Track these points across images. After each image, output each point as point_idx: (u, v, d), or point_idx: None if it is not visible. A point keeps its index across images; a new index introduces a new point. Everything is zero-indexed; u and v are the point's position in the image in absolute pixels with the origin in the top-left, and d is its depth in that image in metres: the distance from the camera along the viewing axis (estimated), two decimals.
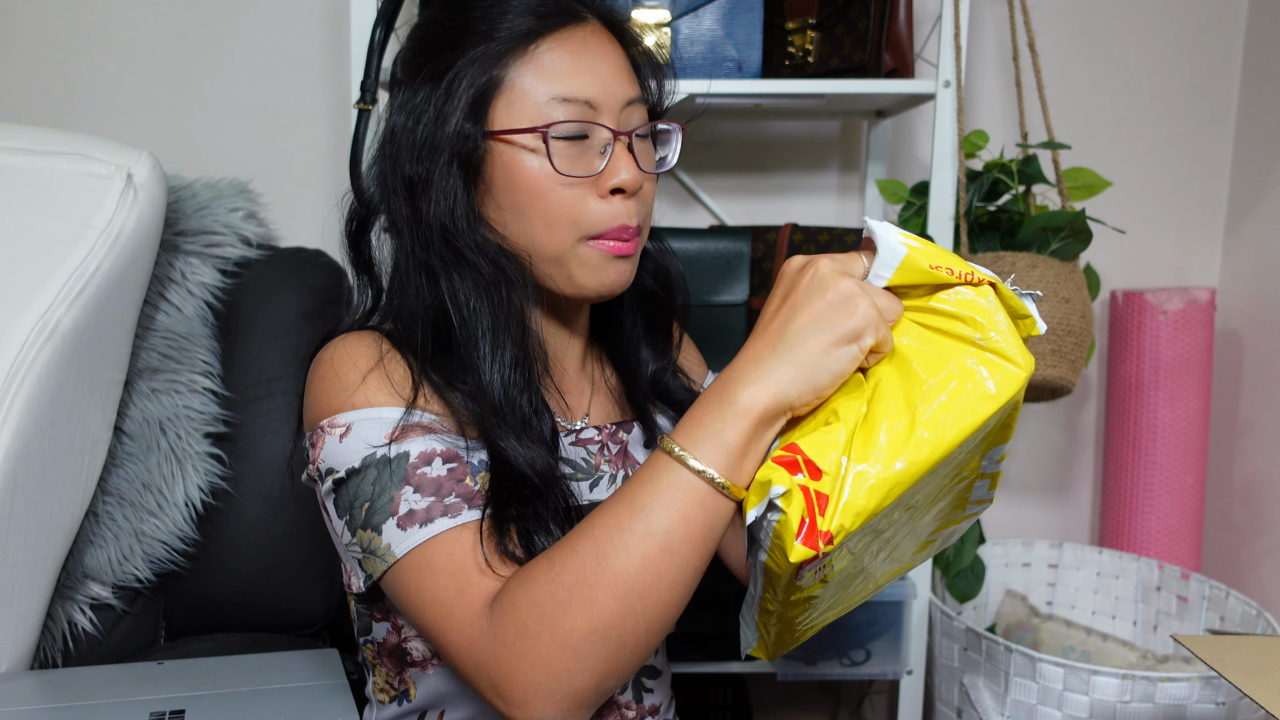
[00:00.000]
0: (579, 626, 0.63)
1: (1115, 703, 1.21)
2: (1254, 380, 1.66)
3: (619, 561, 0.63)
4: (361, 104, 1.29)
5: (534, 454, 0.77)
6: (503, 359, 0.78)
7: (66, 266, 1.02)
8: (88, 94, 1.63)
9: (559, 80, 0.76)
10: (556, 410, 0.87)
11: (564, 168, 0.76)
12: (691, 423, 0.65)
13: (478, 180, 0.79)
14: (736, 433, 0.63)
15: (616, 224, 0.78)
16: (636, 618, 0.64)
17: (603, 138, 0.78)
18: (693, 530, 0.64)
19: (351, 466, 0.74)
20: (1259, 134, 1.69)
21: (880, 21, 1.35)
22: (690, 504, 0.63)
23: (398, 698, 0.86)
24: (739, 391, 0.63)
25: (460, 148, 0.77)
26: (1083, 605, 1.64)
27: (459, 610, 0.68)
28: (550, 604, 0.64)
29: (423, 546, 0.71)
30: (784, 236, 1.46)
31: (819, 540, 0.59)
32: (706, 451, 0.63)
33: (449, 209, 0.78)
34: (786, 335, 0.63)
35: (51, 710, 0.88)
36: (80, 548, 1.12)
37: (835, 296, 0.62)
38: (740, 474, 0.64)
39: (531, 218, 0.78)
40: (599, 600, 0.63)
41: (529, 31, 0.77)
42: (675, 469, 0.64)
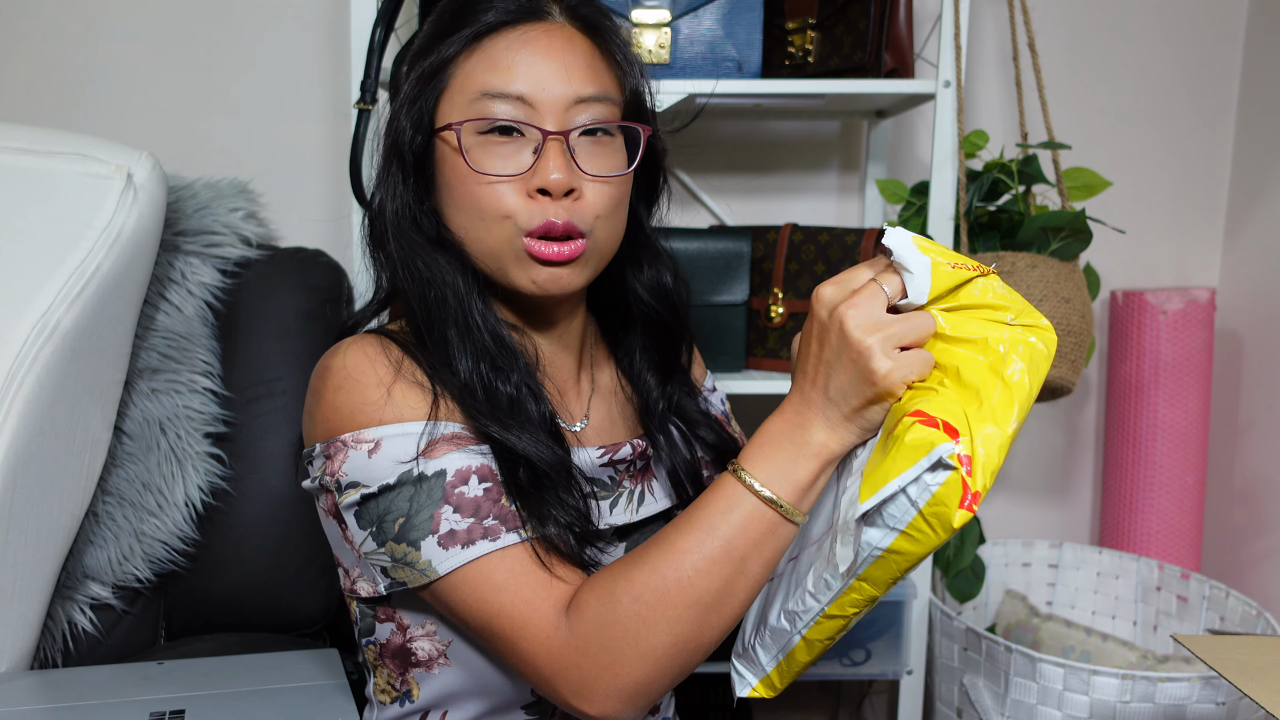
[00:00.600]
0: (663, 642, 0.69)
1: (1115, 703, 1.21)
2: (1254, 380, 1.66)
3: (701, 583, 0.69)
4: (361, 104, 1.29)
5: (528, 441, 0.77)
6: (466, 350, 0.80)
7: (66, 266, 1.02)
8: (88, 94, 1.63)
9: (494, 75, 0.77)
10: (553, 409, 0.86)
11: (488, 165, 0.77)
12: (763, 457, 0.70)
13: (429, 176, 0.82)
14: (809, 471, 0.69)
15: (539, 221, 0.77)
16: (711, 630, 0.70)
17: (535, 137, 0.78)
18: (764, 553, 0.70)
19: (385, 483, 0.74)
20: (1259, 134, 1.69)
21: (880, 21, 1.35)
22: (765, 532, 0.69)
23: (400, 698, 0.85)
24: (810, 435, 0.69)
25: (405, 142, 0.80)
26: (1083, 605, 1.64)
27: (533, 623, 0.72)
28: (634, 621, 0.69)
29: (472, 566, 0.73)
30: (784, 236, 1.46)
31: (973, 503, 0.62)
32: (781, 485, 0.69)
33: (395, 207, 0.81)
34: (830, 392, 0.68)
35: (51, 710, 0.88)
36: (80, 548, 1.12)
37: (859, 362, 0.65)
38: (806, 504, 0.70)
39: (466, 212, 0.79)
40: (682, 619, 0.69)
41: (479, 31, 0.78)
42: (753, 501, 0.69)
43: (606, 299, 0.94)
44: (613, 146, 0.81)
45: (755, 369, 1.48)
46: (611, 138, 0.81)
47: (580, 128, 0.78)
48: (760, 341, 1.47)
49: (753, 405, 1.56)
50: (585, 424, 0.89)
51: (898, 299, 0.66)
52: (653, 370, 0.94)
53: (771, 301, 1.45)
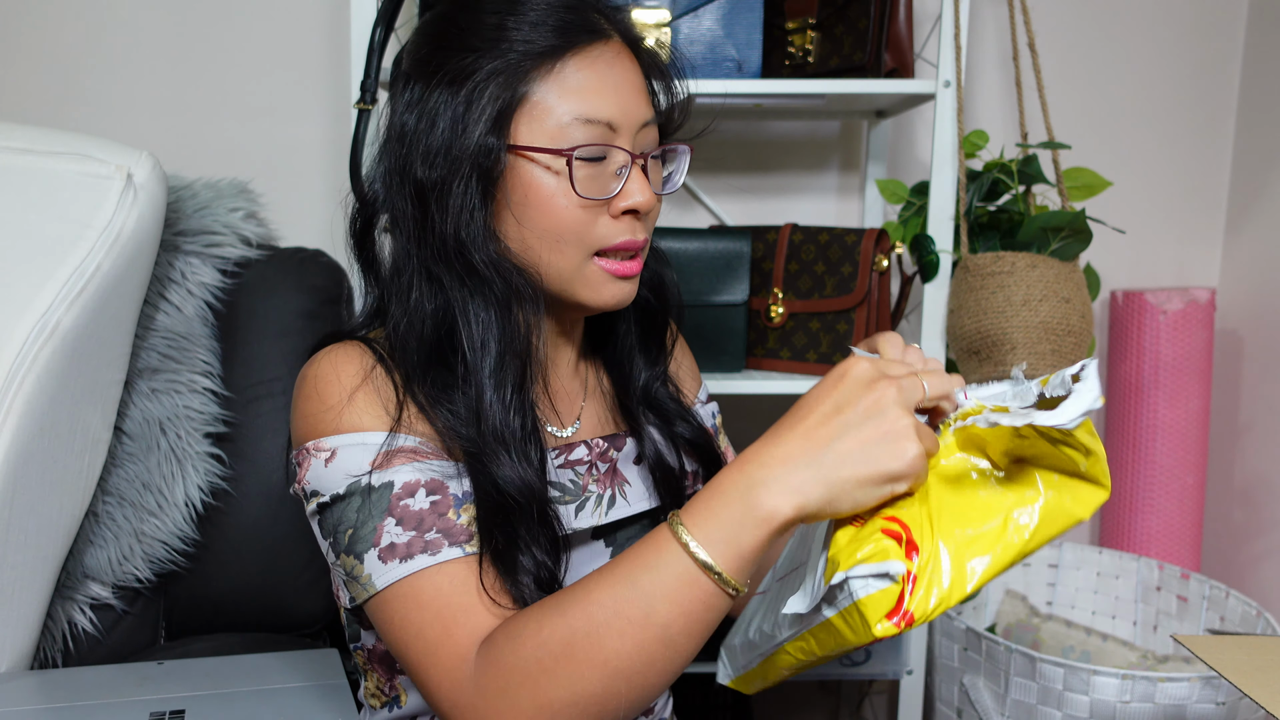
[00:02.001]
0: (560, 697, 0.63)
1: (1115, 703, 1.21)
2: (1254, 380, 1.66)
3: (612, 646, 0.62)
4: (361, 104, 1.29)
5: (523, 475, 0.75)
6: (505, 378, 0.77)
7: (66, 266, 1.02)
8: (88, 94, 1.63)
9: (583, 100, 0.76)
10: (547, 417, 0.86)
11: (582, 189, 0.76)
12: (707, 514, 0.63)
13: (494, 193, 0.77)
14: (754, 540, 0.62)
15: (623, 239, 0.79)
16: (619, 699, 0.63)
17: (620, 160, 0.78)
18: (693, 625, 0.63)
19: (336, 492, 0.74)
20: (1259, 134, 1.69)
21: (880, 21, 1.35)
22: (695, 600, 0.62)
23: (389, 704, 0.85)
24: (764, 498, 0.61)
25: (482, 160, 0.75)
26: (1083, 605, 1.64)
27: (444, 651, 0.68)
28: (535, 669, 0.63)
29: (405, 581, 0.70)
30: (784, 236, 1.46)
31: (903, 621, 0.59)
32: (720, 551, 0.62)
33: (466, 221, 0.76)
34: (827, 452, 0.61)
35: (51, 710, 0.88)
36: (80, 548, 1.12)
37: (891, 433, 0.60)
38: (745, 575, 0.63)
39: (542, 234, 0.77)
40: (585, 678, 0.62)
41: (554, 48, 0.76)
42: (686, 562, 0.62)
43: None
44: (658, 163, 0.84)
45: (755, 369, 1.48)
46: (658, 156, 0.83)
47: (652, 152, 0.81)
48: (760, 342, 1.47)
49: (753, 405, 1.56)
50: (577, 427, 0.89)
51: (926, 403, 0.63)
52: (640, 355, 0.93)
53: (771, 301, 1.45)
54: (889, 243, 1.41)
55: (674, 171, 0.85)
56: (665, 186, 0.84)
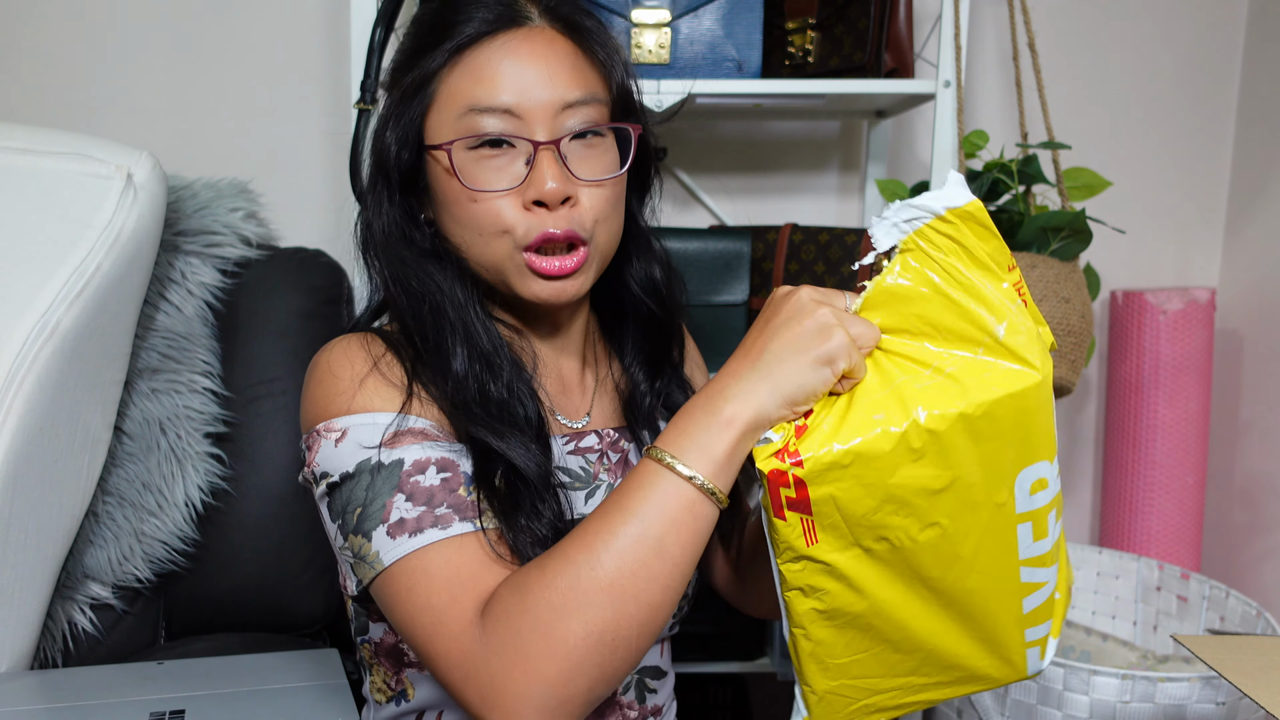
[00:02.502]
0: (575, 631, 0.63)
1: (1115, 703, 1.21)
2: (1254, 380, 1.66)
3: (613, 565, 0.64)
4: (361, 104, 1.29)
5: (515, 446, 0.76)
6: (459, 357, 0.79)
7: (66, 266, 1.02)
8: (88, 94, 1.63)
9: (478, 88, 0.76)
10: (556, 407, 0.87)
11: (481, 180, 0.76)
12: (678, 433, 0.67)
13: (423, 191, 0.82)
14: (722, 443, 0.65)
15: (537, 234, 0.77)
16: (630, 620, 0.64)
17: (527, 147, 0.77)
18: (683, 533, 0.65)
19: (345, 471, 0.74)
20: (1259, 134, 1.69)
21: (880, 21, 1.35)
22: (681, 509, 0.65)
23: (395, 698, 0.85)
24: (723, 406, 0.66)
25: (386, 161, 0.80)
26: (1083, 605, 1.64)
27: (450, 617, 0.68)
28: (545, 610, 0.64)
29: (413, 555, 0.70)
30: (784, 236, 1.46)
31: (787, 456, 0.64)
32: (695, 459, 0.65)
33: (382, 223, 0.81)
34: (765, 355, 0.66)
35: (51, 710, 0.88)
36: (80, 548, 1.12)
37: (813, 324, 0.65)
38: (724, 480, 0.66)
39: (464, 227, 0.79)
40: (594, 604, 0.64)
41: (466, 39, 0.77)
42: (666, 475, 0.66)
43: (604, 294, 0.93)
44: (604, 147, 0.80)
45: None
46: (602, 138, 0.80)
47: (570, 134, 0.77)
48: None
49: None
50: (588, 420, 0.90)
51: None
52: (642, 364, 0.93)
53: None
54: None
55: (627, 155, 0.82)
56: (615, 171, 0.80)
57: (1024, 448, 0.67)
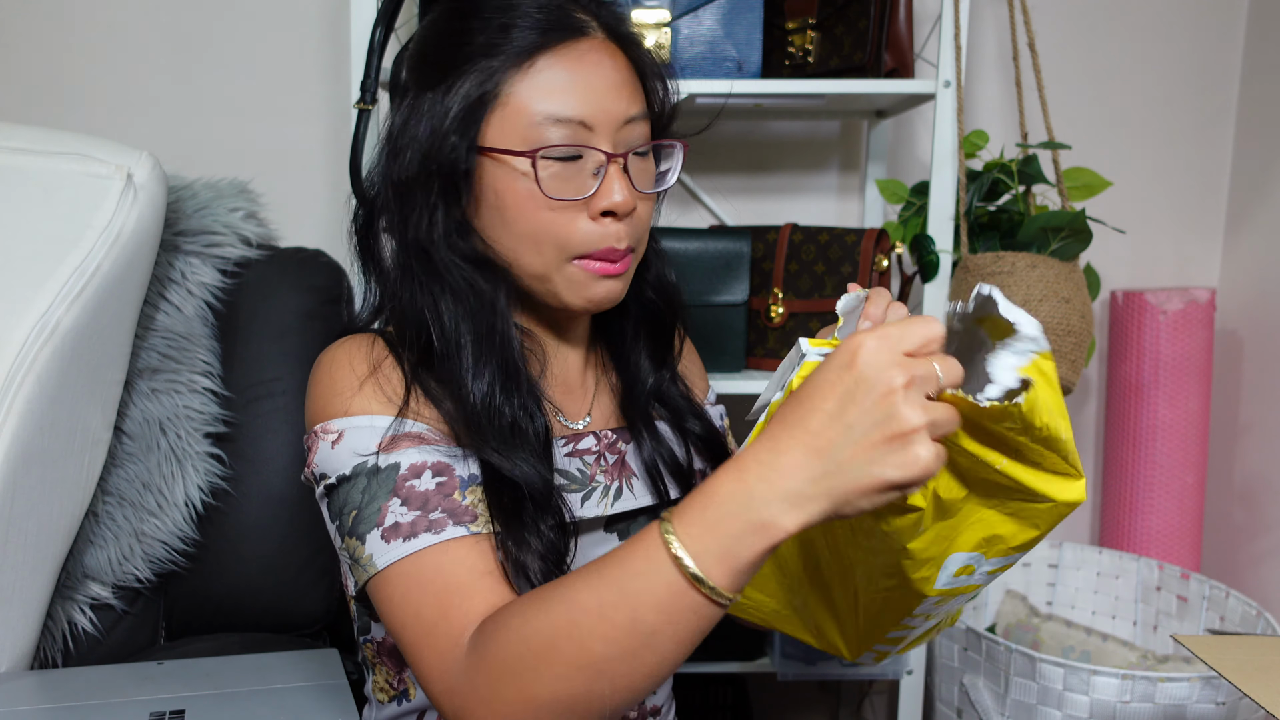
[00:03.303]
0: (543, 694, 0.61)
1: (1115, 703, 1.21)
2: (1254, 380, 1.66)
3: (596, 650, 0.60)
4: (361, 104, 1.29)
5: (521, 464, 0.76)
6: (484, 372, 0.78)
7: (66, 266, 1.02)
8: (88, 94, 1.63)
9: (553, 99, 0.75)
10: (559, 409, 0.87)
11: (553, 190, 0.76)
12: (702, 526, 0.58)
13: (467, 193, 0.78)
14: (750, 552, 0.57)
15: (604, 246, 0.77)
16: (603, 700, 0.61)
17: (597, 159, 0.77)
18: (680, 632, 0.60)
19: (342, 473, 0.74)
20: (1259, 134, 1.69)
21: (880, 21, 1.35)
22: (684, 610, 0.59)
23: (397, 697, 0.86)
24: (763, 510, 0.56)
25: (444, 161, 0.76)
26: (1083, 605, 1.64)
27: (440, 633, 0.68)
28: (518, 665, 0.62)
29: (406, 560, 0.70)
30: (784, 236, 1.46)
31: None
32: (712, 563, 0.57)
33: (428, 224, 0.78)
34: (830, 461, 0.55)
35: (51, 710, 0.88)
36: (80, 548, 1.12)
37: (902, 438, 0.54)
38: (739, 584, 0.59)
39: (518, 236, 0.78)
40: (567, 678, 0.61)
41: (530, 46, 0.76)
42: (674, 574, 0.58)
43: None
44: (649, 160, 0.82)
45: (755, 369, 1.48)
46: (648, 154, 0.81)
47: (633, 149, 0.78)
48: (760, 342, 1.47)
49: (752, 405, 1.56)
50: (588, 421, 0.90)
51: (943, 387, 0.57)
52: (646, 356, 0.93)
53: (771, 301, 1.45)
54: (889, 243, 1.41)
55: (669, 169, 0.84)
56: (660, 184, 0.83)
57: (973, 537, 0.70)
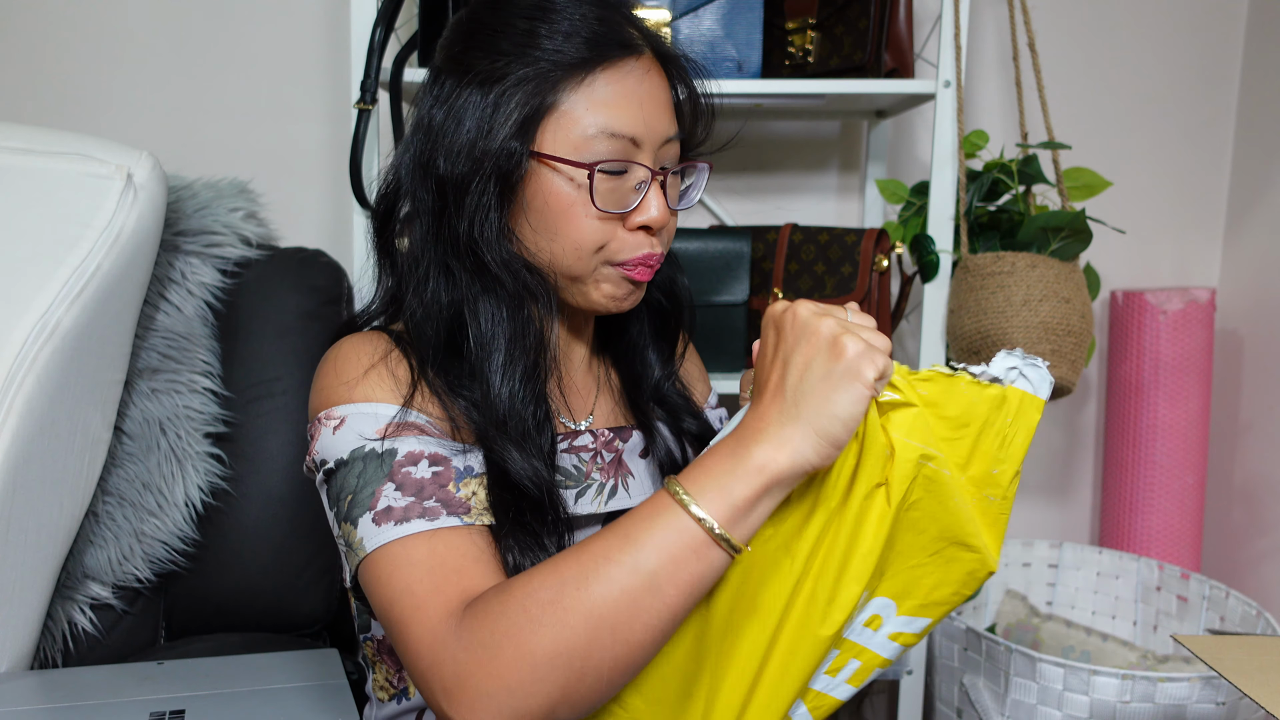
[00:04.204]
0: (544, 645, 0.62)
1: (1115, 703, 1.21)
2: (1254, 380, 1.66)
3: (599, 591, 0.62)
4: (361, 104, 1.29)
5: (532, 467, 0.77)
6: (514, 372, 0.78)
7: (66, 266, 1.02)
8: (88, 94, 1.63)
9: (609, 114, 0.77)
10: (560, 410, 0.87)
11: (601, 203, 0.77)
12: (701, 471, 0.65)
13: (512, 198, 0.79)
14: (746, 488, 0.63)
15: (637, 254, 0.80)
16: (604, 651, 0.62)
17: (639, 175, 0.79)
18: (681, 574, 0.63)
19: (340, 458, 0.75)
20: (1259, 134, 1.69)
21: (880, 21, 1.35)
22: (684, 548, 0.63)
23: (397, 695, 0.86)
24: (754, 449, 0.63)
25: (504, 164, 0.77)
26: (1083, 605, 1.64)
27: (431, 606, 0.67)
28: (521, 617, 0.63)
29: (396, 543, 0.70)
30: (784, 236, 1.46)
31: None
32: (711, 501, 0.63)
33: (480, 220, 0.78)
34: (787, 392, 0.63)
35: (51, 710, 0.88)
36: (80, 548, 1.12)
37: (821, 341, 0.63)
38: (741, 528, 0.63)
39: (561, 241, 0.79)
40: (569, 624, 0.62)
41: (585, 60, 0.77)
42: (675, 510, 0.63)
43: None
44: (678, 178, 0.85)
45: None
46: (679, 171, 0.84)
47: (671, 169, 0.82)
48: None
49: None
50: (590, 421, 0.90)
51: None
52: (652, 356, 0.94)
53: (772, 301, 1.45)
54: (889, 243, 1.41)
55: (691, 186, 0.87)
56: (681, 201, 0.85)
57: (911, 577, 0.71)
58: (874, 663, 0.74)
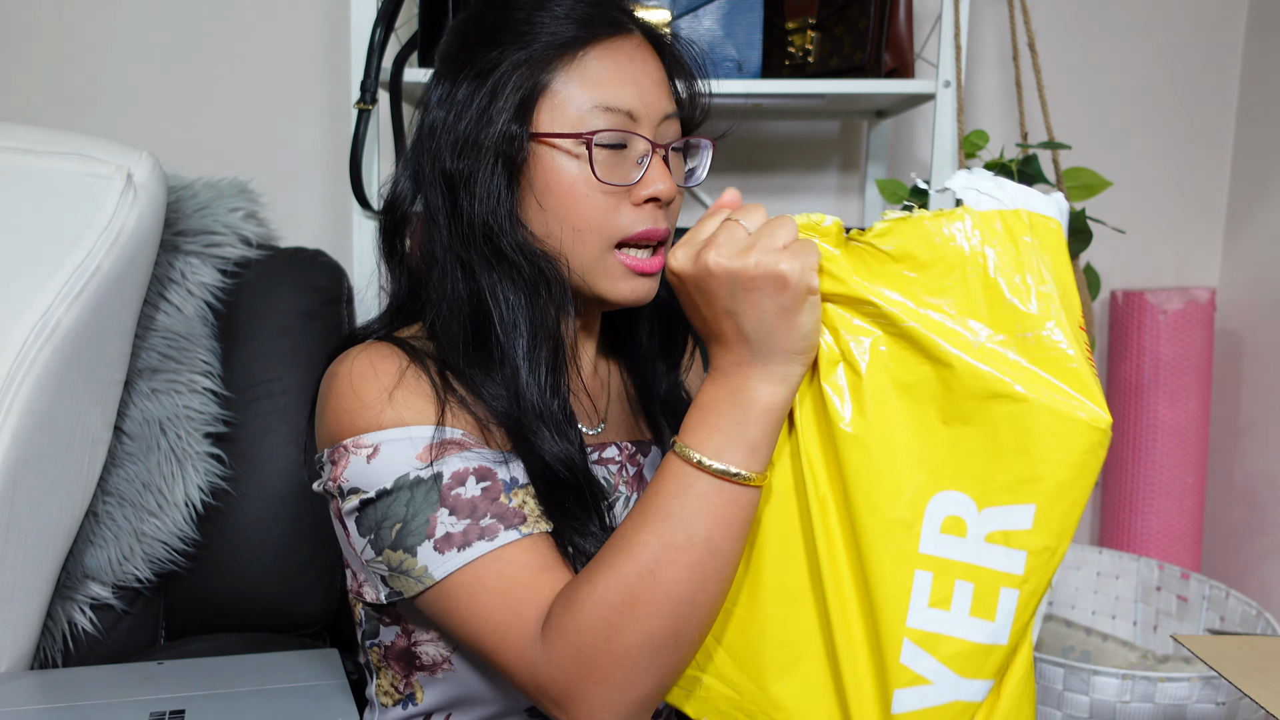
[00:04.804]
0: (636, 643, 0.65)
1: (1115, 703, 1.21)
2: (1254, 380, 1.66)
3: (668, 576, 0.65)
4: (361, 104, 1.29)
5: (567, 451, 0.77)
6: (539, 359, 0.79)
7: (66, 266, 1.02)
8: (88, 94, 1.63)
9: (603, 89, 0.77)
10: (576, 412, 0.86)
11: (603, 175, 0.77)
12: (708, 428, 0.66)
13: (517, 184, 0.79)
14: (758, 429, 0.66)
15: (643, 227, 0.79)
16: (689, 622, 0.66)
17: (640, 148, 0.79)
18: (732, 528, 0.66)
19: (383, 488, 0.73)
20: (1259, 134, 1.69)
21: (880, 21, 1.35)
22: (726, 504, 0.66)
23: (403, 701, 0.85)
24: (752, 392, 0.66)
25: (506, 148, 0.77)
26: (1083, 605, 1.64)
27: (514, 631, 0.69)
28: (600, 625, 0.65)
29: (465, 570, 0.71)
30: None
31: None
32: (731, 452, 0.66)
33: (492, 207, 0.78)
34: (750, 335, 0.65)
35: (51, 710, 0.88)
36: (80, 548, 1.12)
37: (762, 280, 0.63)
38: (761, 460, 0.66)
39: (564, 222, 0.79)
40: (652, 615, 0.65)
41: (575, 39, 0.78)
42: (703, 476, 0.66)
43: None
44: (680, 157, 0.84)
45: None
46: (681, 150, 0.84)
47: (674, 143, 0.81)
48: None
49: None
50: (603, 428, 0.90)
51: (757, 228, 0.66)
52: (662, 358, 0.94)
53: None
54: None
55: (697, 166, 0.87)
56: (689, 180, 0.85)
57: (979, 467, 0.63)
58: (994, 582, 0.63)
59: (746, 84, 1.33)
